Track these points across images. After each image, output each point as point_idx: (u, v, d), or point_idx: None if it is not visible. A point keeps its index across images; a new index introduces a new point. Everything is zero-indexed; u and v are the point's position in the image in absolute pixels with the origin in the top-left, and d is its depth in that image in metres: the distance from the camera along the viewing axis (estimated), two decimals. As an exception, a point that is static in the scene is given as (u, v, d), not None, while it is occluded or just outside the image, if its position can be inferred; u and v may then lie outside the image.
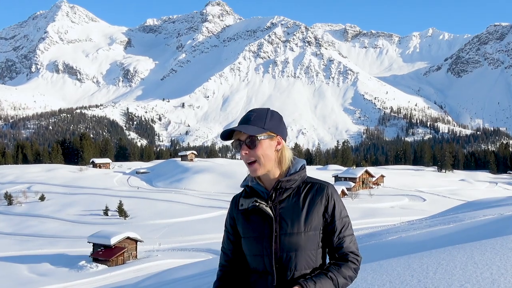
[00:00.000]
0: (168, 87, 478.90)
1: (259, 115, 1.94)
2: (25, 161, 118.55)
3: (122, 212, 57.59)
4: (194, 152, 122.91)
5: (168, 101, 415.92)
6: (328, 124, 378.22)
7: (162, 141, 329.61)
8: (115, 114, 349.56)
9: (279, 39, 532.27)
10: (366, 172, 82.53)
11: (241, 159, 1.97)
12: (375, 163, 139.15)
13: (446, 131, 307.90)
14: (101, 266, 38.71)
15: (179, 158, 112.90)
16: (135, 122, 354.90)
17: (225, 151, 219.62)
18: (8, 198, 67.17)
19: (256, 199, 1.96)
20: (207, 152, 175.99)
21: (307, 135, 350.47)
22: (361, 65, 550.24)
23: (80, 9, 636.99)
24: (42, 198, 67.84)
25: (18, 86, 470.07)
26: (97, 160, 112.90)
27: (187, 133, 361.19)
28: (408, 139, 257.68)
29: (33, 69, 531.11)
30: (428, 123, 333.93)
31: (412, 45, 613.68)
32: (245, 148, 1.91)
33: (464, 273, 4.34)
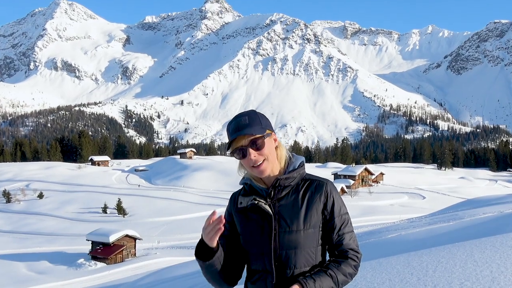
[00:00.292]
0: (167, 85, 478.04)
1: (252, 117, 1.92)
2: (24, 159, 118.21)
3: (121, 210, 57.40)
4: (193, 150, 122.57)
5: (167, 99, 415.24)
6: (328, 122, 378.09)
7: (161, 139, 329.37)
8: (114, 112, 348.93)
9: (278, 36, 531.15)
10: (366, 170, 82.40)
11: (247, 164, 1.92)
12: (375, 161, 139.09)
13: (446, 129, 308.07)
14: (100, 264, 38.56)
15: (178, 156, 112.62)
16: (134, 120, 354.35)
17: (224, 149, 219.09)
18: (7, 196, 66.94)
19: (255, 197, 1.95)
20: (206, 150, 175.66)
21: (306, 133, 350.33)
22: (361, 63, 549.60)
23: (79, 6, 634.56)
24: (41, 196, 67.59)
25: (17, 84, 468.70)
26: (96, 158, 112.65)
27: (186, 131, 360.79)
28: (408, 137, 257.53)
29: (32, 67, 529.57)
30: (428, 121, 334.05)
31: (412, 43, 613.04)
32: (253, 151, 1.88)
33: (464, 271, 4.34)
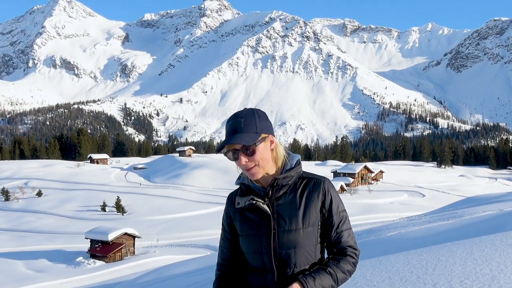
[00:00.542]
0: (166, 82, 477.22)
1: (248, 120, 1.88)
2: (22, 157, 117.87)
3: (120, 208, 57.26)
4: (192, 148, 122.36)
5: (166, 96, 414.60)
6: (327, 120, 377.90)
7: (160, 137, 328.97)
8: (113, 110, 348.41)
9: (278, 34, 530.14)
10: (365, 168, 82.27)
11: (239, 166, 1.92)
12: (374, 159, 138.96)
13: (446, 127, 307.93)
14: (99, 262, 38.47)
15: (177, 154, 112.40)
16: (133, 118, 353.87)
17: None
18: (5, 194, 66.81)
19: (253, 197, 1.94)
20: (205, 148, 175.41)
21: (306, 131, 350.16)
22: (360, 60, 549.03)
23: (77, 4, 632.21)
24: (39, 194, 67.44)
25: (15, 81, 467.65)
26: (95, 156, 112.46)
27: (185, 129, 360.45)
28: (407, 135, 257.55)
29: (30, 64, 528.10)
30: (428, 119, 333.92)
31: (411, 40, 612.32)
32: (244, 157, 1.87)
33: (464, 269, 4.33)
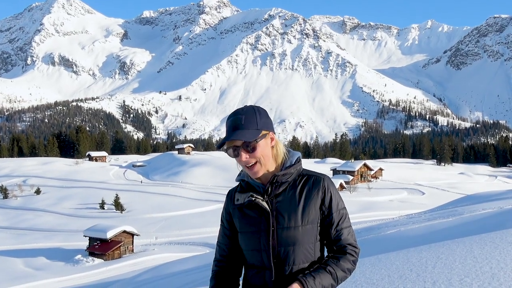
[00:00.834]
0: (165, 80, 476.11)
1: (249, 117, 1.88)
2: (21, 154, 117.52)
3: (119, 206, 57.11)
4: (191, 145, 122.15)
5: (165, 94, 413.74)
6: (326, 117, 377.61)
7: (159, 134, 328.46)
8: (112, 107, 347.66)
9: (277, 31, 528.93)
10: (365, 165, 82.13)
11: (240, 164, 1.92)
12: (374, 156, 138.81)
13: (445, 124, 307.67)
14: (97, 260, 38.34)
15: (176, 151, 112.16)
16: (132, 115, 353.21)
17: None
18: (4, 192, 66.60)
19: (252, 194, 1.94)
20: (204, 145, 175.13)
21: (305, 128, 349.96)
22: (360, 58, 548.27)
23: (76, 1, 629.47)
24: (38, 192, 67.23)
25: (14, 79, 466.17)
26: (93, 153, 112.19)
27: (184, 126, 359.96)
28: (407, 132, 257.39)
29: (29, 62, 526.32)
30: (427, 116, 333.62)
31: (411, 37, 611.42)
32: (245, 153, 1.87)
33: (464, 267, 4.31)
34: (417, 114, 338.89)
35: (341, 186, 70.14)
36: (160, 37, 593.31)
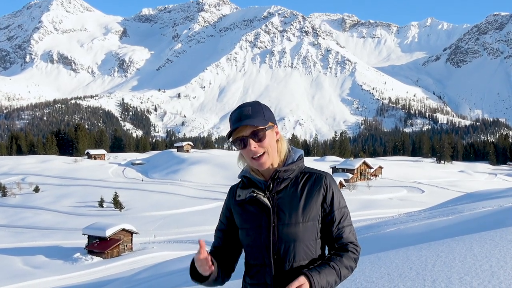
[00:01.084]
0: (164, 78, 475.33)
1: (256, 108, 1.91)
2: (19, 152, 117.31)
3: (118, 204, 56.95)
4: (190, 143, 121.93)
5: (164, 92, 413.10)
6: (326, 115, 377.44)
7: (158, 132, 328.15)
8: (110, 105, 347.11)
9: (276, 29, 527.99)
10: (364, 163, 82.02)
11: (247, 155, 1.91)
12: (373, 154, 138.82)
13: (445, 122, 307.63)
14: (96, 258, 38.19)
15: (175, 149, 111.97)
16: (131, 113, 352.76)
17: (222, 142, 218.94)
18: (2, 190, 66.44)
19: (254, 190, 1.94)
20: (203, 143, 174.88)
21: (305, 126, 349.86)
22: (359, 55, 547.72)
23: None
24: (37, 190, 67.04)
25: (12, 77, 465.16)
26: (92, 151, 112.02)
27: (183, 124, 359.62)
28: (407, 130, 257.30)
29: (28, 59, 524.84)
30: (427, 114, 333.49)
31: (411, 35, 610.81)
32: (254, 142, 1.87)
33: (463, 265, 4.31)
34: (417, 112, 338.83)
35: (341, 184, 70.00)
36: (159, 35, 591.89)
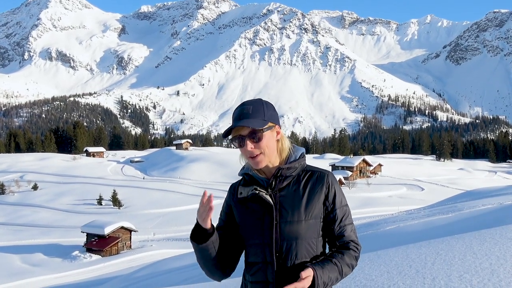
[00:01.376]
0: (163, 75, 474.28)
1: (257, 107, 1.90)
2: (18, 150, 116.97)
3: (116, 202, 56.82)
4: (189, 141, 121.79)
5: (163, 89, 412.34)
6: (325, 112, 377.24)
7: (157, 130, 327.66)
8: (109, 102, 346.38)
9: (275, 26, 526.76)
10: (364, 161, 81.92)
11: (244, 154, 1.92)
12: (373, 152, 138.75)
13: (445, 119, 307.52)
14: (95, 256, 38.10)
15: (174, 147, 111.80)
16: (129, 110, 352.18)
17: (221, 140, 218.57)
18: (1, 188, 66.35)
19: (256, 187, 1.93)
20: (202, 141, 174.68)
21: (304, 124, 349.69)
22: (359, 53, 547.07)
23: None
24: (35, 187, 66.89)
25: (11, 74, 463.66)
26: (91, 149, 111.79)
27: (182, 122, 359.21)
28: (406, 128, 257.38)
29: (26, 57, 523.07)
30: (427, 111, 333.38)
31: (410, 32, 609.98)
32: (250, 143, 1.87)
33: (463, 263, 4.33)
34: (417, 110, 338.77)
35: (340, 182, 69.92)
36: (158, 32, 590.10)
